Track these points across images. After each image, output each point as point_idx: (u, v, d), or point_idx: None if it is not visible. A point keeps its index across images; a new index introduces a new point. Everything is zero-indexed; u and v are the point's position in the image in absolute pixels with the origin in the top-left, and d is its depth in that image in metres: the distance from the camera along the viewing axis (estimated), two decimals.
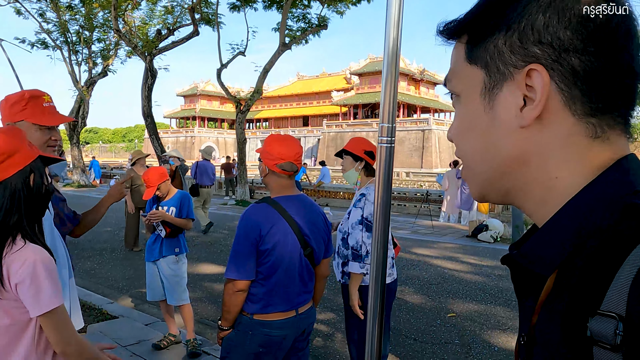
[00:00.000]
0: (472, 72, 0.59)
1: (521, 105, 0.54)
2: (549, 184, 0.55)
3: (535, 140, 0.54)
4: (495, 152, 0.58)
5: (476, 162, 0.61)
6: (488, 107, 0.57)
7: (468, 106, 0.60)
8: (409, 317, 5.09)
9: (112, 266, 7.29)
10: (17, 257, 1.35)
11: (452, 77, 0.63)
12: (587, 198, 0.51)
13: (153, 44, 16.92)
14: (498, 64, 0.55)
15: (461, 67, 0.61)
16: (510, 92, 0.55)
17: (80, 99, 23.23)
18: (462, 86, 0.61)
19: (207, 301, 5.60)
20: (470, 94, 0.60)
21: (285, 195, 2.29)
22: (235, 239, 2.20)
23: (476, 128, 0.59)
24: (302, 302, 2.30)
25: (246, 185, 17.42)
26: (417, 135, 43.38)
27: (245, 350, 2.23)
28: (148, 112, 16.94)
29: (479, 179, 0.62)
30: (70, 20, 22.11)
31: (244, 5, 17.24)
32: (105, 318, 4.73)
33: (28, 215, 1.42)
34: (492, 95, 0.57)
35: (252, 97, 17.23)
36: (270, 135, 2.33)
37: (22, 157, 1.40)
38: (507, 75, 0.55)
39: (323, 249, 2.38)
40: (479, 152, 0.60)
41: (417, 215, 13.52)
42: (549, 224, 0.54)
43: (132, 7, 18.52)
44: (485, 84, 0.57)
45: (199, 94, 66.36)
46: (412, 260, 7.98)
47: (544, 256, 0.53)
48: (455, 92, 0.63)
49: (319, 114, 58.39)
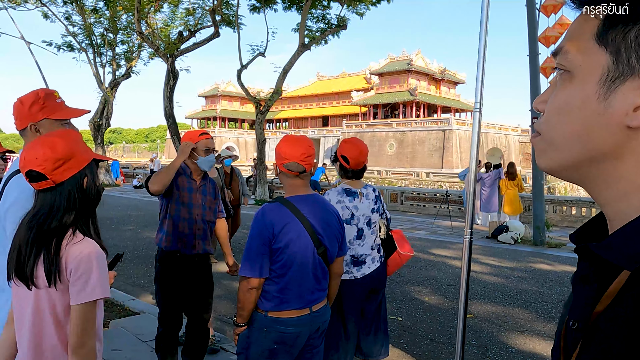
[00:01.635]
0: (597, 53, 0.56)
1: (637, 106, 0.54)
2: (635, 185, 0.57)
3: (636, 142, 0.56)
4: (595, 140, 0.58)
5: (568, 142, 0.60)
6: (603, 96, 0.56)
7: (579, 86, 0.58)
8: (426, 318, 5.08)
9: (134, 264, 7.46)
10: (75, 249, 1.48)
11: (571, 49, 0.59)
12: None
13: (175, 46, 17.19)
14: (631, 56, 0.54)
15: (586, 44, 0.58)
16: (631, 89, 0.54)
17: (105, 100, 23.73)
18: (580, 64, 0.58)
19: (226, 299, 5.69)
20: (586, 75, 0.58)
21: (299, 195, 2.33)
22: (248, 237, 2.25)
23: (581, 111, 0.58)
24: (316, 299, 2.33)
25: (265, 185, 17.56)
26: (438, 135, 42.99)
27: (260, 347, 2.27)
28: (170, 112, 17.22)
29: (562, 156, 0.62)
30: (95, 23, 22.62)
31: (264, 7, 17.38)
32: (127, 314, 4.85)
33: (83, 214, 1.55)
34: (612, 85, 0.55)
35: (271, 97, 17.36)
36: (285, 135, 2.37)
37: (76, 162, 1.51)
38: (635, 71, 0.54)
39: (337, 247, 2.42)
40: (577, 134, 0.59)
41: (436, 215, 13.43)
42: (636, 223, 0.55)
43: (154, 10, 18.85)
44: (609, 71, 0.55)
45: (219, 95, 67.04)
46: (430, 261, 7.95)
47: (630, 252, 0.55)
48: (568, 67, 0.60)
49: (339, 114, 58.39)
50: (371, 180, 38.68)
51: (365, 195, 3.13)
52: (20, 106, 2.01)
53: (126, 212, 13.24)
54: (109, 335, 4.28)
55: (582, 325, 0.59)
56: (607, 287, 0.57)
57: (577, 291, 0.63)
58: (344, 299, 3.01)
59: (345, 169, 3.12)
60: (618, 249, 0.56)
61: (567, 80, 0.60)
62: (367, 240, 3.10)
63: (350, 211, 3.04)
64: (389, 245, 3.32)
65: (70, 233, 1.50)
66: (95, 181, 1.58)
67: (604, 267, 0.58)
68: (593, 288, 0.59)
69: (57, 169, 1.47)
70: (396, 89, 50.23)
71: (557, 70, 0.62)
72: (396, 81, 50.53)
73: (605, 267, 0.58)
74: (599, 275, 0.59)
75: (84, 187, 1.52)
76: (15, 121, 2.03)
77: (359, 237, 3.07)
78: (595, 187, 0.62)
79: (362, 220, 3.08)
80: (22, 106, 2.00)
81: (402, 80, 50.03)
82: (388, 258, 3.30)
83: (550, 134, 0.62)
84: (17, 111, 2.02)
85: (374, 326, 3.23)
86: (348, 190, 3.07)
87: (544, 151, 0.64)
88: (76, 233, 1.52)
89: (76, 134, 1.60)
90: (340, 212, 2.99)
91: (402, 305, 5.50)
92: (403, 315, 5.18)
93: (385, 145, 46.10)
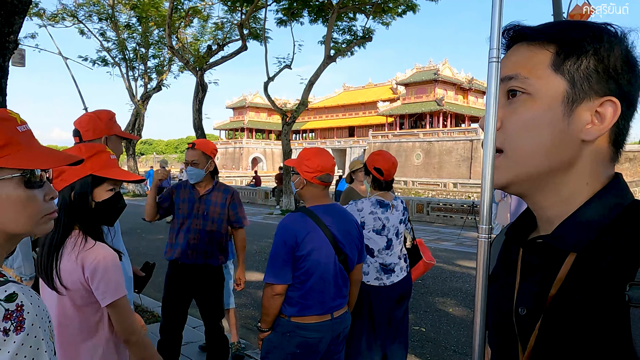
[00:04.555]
0: (555, 79, 0.68)
1: (588, 122, 0.66)
2: (579, 188, 0.69)
3: (585, 153, 0.68)
4: (558, 153, 0.68)
5: (533, 156, 0.69)
6: (567, 115, 0.67)
7: (541, 107, 0.68)
8: (449, 329, 5.06)
9: (163, 271, 7.64)
10: (90, 254, 1.60)
11: (529, 76, 0.69)
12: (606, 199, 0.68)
13: (204, 60, 17.64)
14: (584, 84, 0.66)
15: (542, 72, 0.68)
16: (586, 109, 0.67)
17: (137, 112, 24.45)
18: (539, 88, 0.68)
19: (252, 307, 5.79)
20: (546, 97, 0.68)
21: (321, 205, 2.42)
22: (273, 246, 2.34)
23: (549, 128, 0.67)
24: (337, 306, 2.40)
25: (291, 196, 17.71)
26: (466, 146, 42.49)
27: (283, 351, 2.34)
28: (199, 124, 17.62)
29: (524, 169, 0.70)
30: (128, 39, 23.45)
31: (290, 20, 17.67)
32: (156, 320, 5.00)
33: (88, 221, 1.67)
34: (572, 106, 0.67)
35: (297, 109, 17.56)
36: (305, 149, 2.46)
37: (67, 175, 1.67)
38: (588, 95, 0.66)
39: (356, 255, 2.49)
40: (544, 148, 0.68)
41: (462, 227, 13.29)
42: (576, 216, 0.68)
43: (184, 25, 19.43)
44: (569, 95, 0.67)
45: (247, 106, 68.01)
46: (456, 273, 7.89)
47: (574, 238, 0.66)
48: (529, 90, 0.69)
49: (365, 124, 58.38)
50: (397, 190, 38.44)
51: (395, 206, 3.22)
52: (97, 120, 2.29)
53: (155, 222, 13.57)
54: None
55: (532, 310, 0.69)
56: (554, 273, 0.67)
57: (524, 281, 0.73)
58: (374, 304, 3.10)
59: (379, 181, 3.21)
60: (566, 238, 0.67)
61: (527, 100, 0.70)
62: (395, 249, 3.18)
63: (382, 222, 3.12)
64: (414, 254, 3.39)
65: (82, 240, 1.63)
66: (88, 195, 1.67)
67: (550, 256, 0.69)
68: (538, 276, 0.70)
69: (55, 179, 1.67)
70: (423, 99, 49.95)
71: (509, 93, 0.72)
72: (423, 91, 50.28)
73: (552, 255, 0.69)
74: (544, 264, 0.70)
75: (71, 199, 1.65)
76: (87, 131, 2.28)
77: (387, 247, 3.15)
78: (543, 194, 0.72)
79: (392, 231, 3.17)
80: (99, 120, 2.29)
81: (428, 90, 49.74)
82: (412, 267, 3.37)
83: (514, 149, 0.71)
84: (93, 123, 2.29)
85: (398, 335, 3.28)
86: (381, 202, 3.16)
87: (502, 167, 0.72)
88: (87, 240, 1.64)
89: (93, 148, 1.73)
90: (372, 222, 3.10)
91: (426, 316, 5.50)
92: (427, 326, 5.17)
93: (412, 156, 45.81)
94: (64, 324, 1.63)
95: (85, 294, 1.61)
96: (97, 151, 1.71)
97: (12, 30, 5.51)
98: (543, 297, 0.68)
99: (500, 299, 0.77)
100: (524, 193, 0.73)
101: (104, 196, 1.69)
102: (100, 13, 22.03)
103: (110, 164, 1.73)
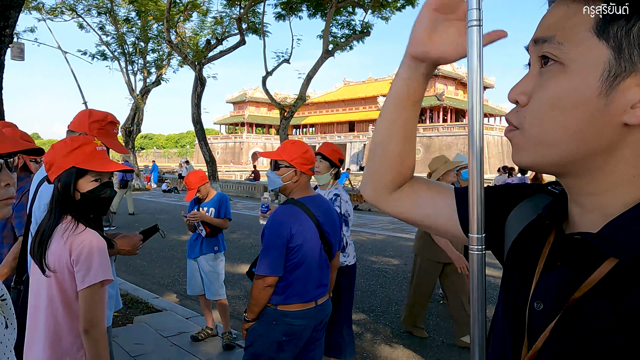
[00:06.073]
0: (597, 47, 0.54)
1: (635, 103, 0.53)
2: (626, 178, 0.57)
3: (631, 139, 0.55)
4: (591, 137, 0.55)
5: (563, 138, 0.57)
6: (604, 92, 0.53)
7: (578, 81, 0.55)
8: (446, 324, 5.12)
9: (159, 265, 7.73)
10: (78, 237, 1.68)
11: (563, 40, 0.56)
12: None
13: (202, 54, 17.66)
14: (633, 51, 0.52)
15: (581, 36, 0.55)
16: (632, 86, 0.53)
17: (136, 106, 24.47)
18: (574, 57, 0.55)
19: (244, 298, 5.86)
20: (585, 70, 0.54)
21: (308, 196, 2.47)
22: (266, 238, 2.35)
23: (581, 107, 0.55)
24: (321, 294, 2.45)
25: None
26: (465, 141, 42.46)
27: (269, 339, 2.37)
28: (197, 119, 17.65)
29: (555, 152, 0.58)
30: (127, 33, 23.41)
31: (289, 14, 17.67)
32: (151, 311, 5.07)
33: (77, 210, 1.74)
34: (614, 82, 0.53)
35: (295, 103, 17.60)
36: (291, 141, 2.50)
37: (56, 168, 1.75)
38: (637, 67, 0.52)
39: (338, 243, 2.56)
40: (574, 131, 0.56)
41: None
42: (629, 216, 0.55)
43: (184, 19, 19.42)
44: (611, 67, 0.53)
45: (247, 101, 67.99)
46: None
47: (629, 245, 0.54)
48: (561, 59, 0.56)
49: (365, 119, 58.36)
50: None
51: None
52: (85, 116, 2.27)
53: (154, 216, 13.63)
54: (132, 330, 4.50)
55: (550, 309, 0.60)
56: (585, 274, 0.57)
57: (546, 273, 0.63)
58: (353, 282, 3.53)
59: (339, 170, 3.51)
60: (616, 242, 0.55)
61: (558, 72, 0.57)
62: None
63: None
64: None
65: (73, 225, 1.70)
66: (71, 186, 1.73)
67: (585, 253, 0.58)
68: (565, 272, 0.60)
69: (49, 170, 1.75)
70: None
71: (542, 59, 0.59)
72: None
73: (587, 253, 0.58)
74: (575, 260, 0.60)
75: (59, 189, 1.73)
76: (73, 123, 2.29)
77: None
78: (582, 179, 0.60)
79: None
80: (86, 117, 2.26)
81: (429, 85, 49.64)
82: None
83: (539, 129, 0.59)
84: (81, 117, 2.28)
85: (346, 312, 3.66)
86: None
87: (523, 147, 0.61)
88: (78, 225, 1.71)
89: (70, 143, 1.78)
90: (350, 208, 3.43)
91: None
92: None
93: None
94: (51, 307, 1.69)
95: (70, 277, 1.66)
96: (81, 144, 1.76)
97: (8, 24, 5.55)
98: (566, 296, 0.58)
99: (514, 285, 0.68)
100: (560, 174, 0.63)
101: (89, 187, 1.75)
102: (99, 7, 21.98)
103: (96, 155, 1.77)
